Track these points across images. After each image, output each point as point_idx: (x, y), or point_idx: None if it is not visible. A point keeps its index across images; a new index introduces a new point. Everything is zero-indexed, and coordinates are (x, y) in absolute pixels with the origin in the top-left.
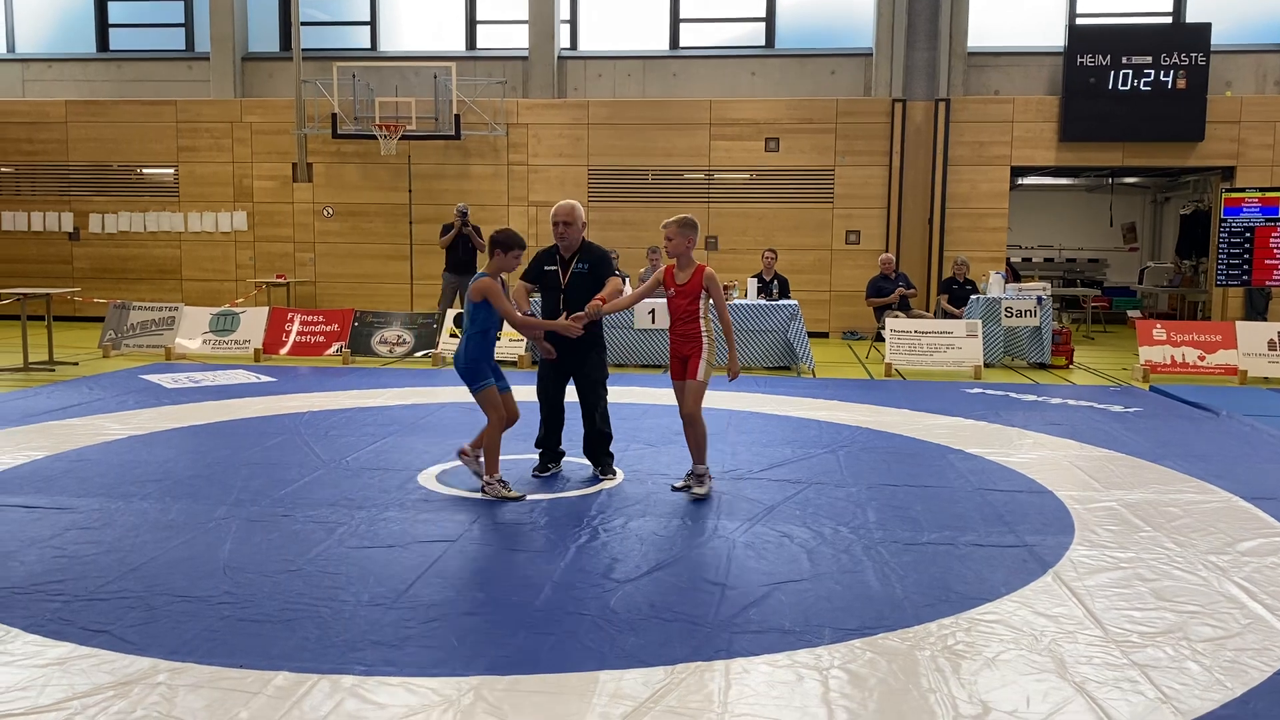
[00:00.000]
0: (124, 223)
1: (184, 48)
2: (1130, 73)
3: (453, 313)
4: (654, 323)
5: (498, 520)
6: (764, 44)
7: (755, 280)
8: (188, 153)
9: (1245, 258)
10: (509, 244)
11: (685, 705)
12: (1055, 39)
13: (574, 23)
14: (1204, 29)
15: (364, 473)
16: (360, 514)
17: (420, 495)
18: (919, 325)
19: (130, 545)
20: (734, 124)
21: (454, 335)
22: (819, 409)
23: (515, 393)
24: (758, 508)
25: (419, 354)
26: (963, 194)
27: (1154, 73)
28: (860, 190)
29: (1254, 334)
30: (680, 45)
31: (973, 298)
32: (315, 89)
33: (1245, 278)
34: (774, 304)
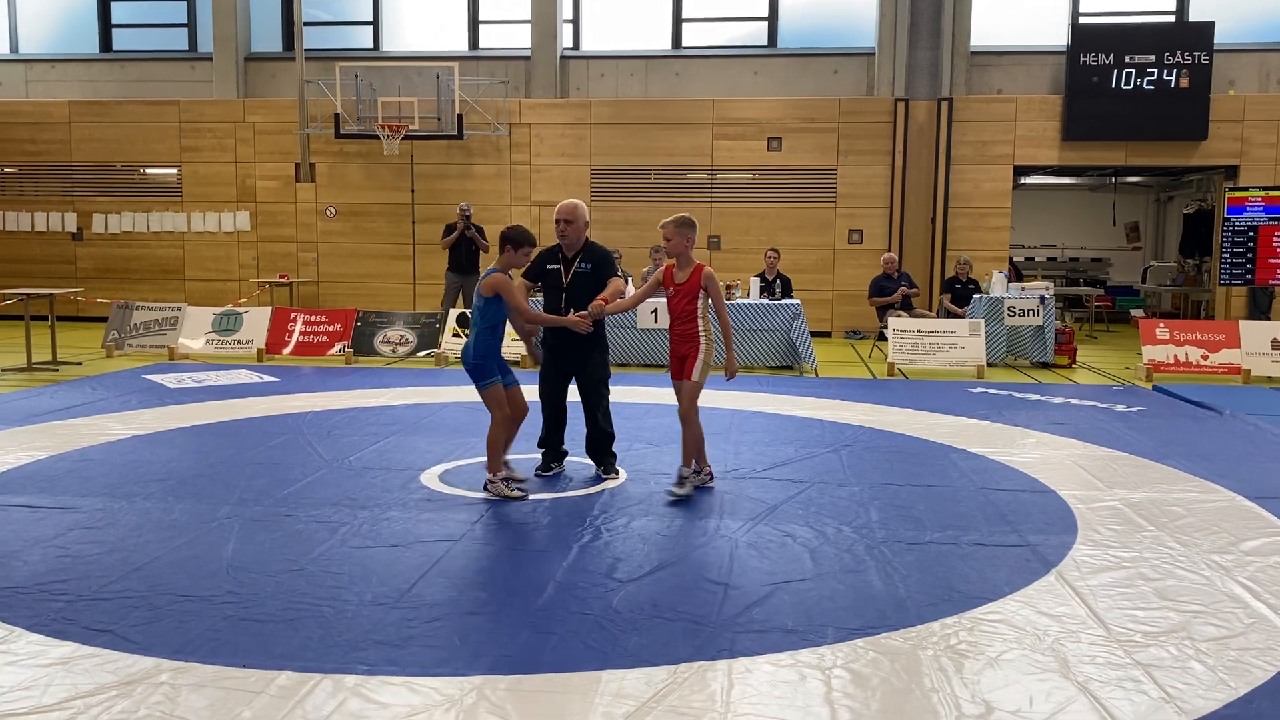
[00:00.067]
0: (127, 223)
1: (187, 48)
2: (1133, 72)
3: (455, 312)
4: (656, 322)
5: (500, 520)
6: (766, 43)
7: (758, 280)
8: (191, 153)
9: (1248, 257)
10: (520, 240)
11: (688, 705)
12: (1058, 38)
13: (576, 22)
14: (1207, 28)
15: (367, 472)
16: (363, 513)
17: (423, 495)
18: (922, 325)
19: (133, 545)
20: (736, 123)
21: (456, 335)
22: (822, 408)
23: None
24: (760, 507)
25: (422, 354)
26: (965, 193)
27: (1157, 72)
28: (863, 190)
29: (1257, 333)
30: (683, 45)
31: (975, 297)
32: (318, 89)
33: (1248, 277)
34: (776, 303)
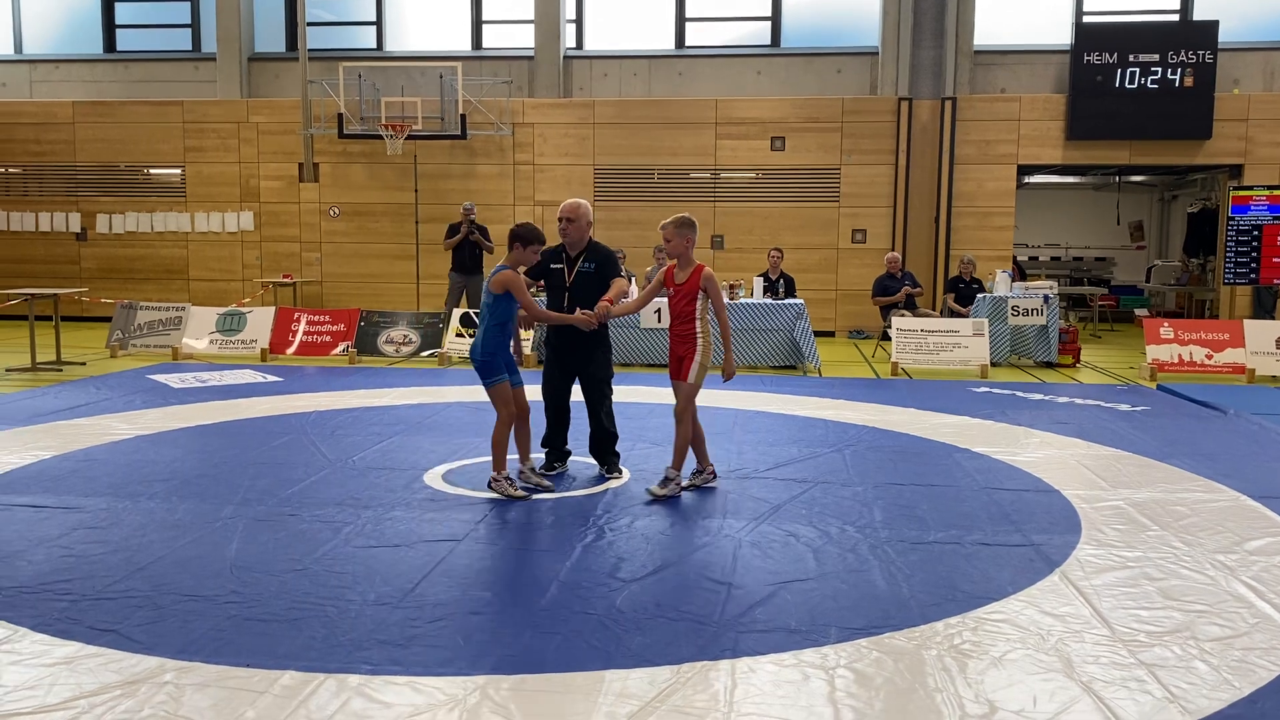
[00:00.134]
0: (131, 223)
1: (190, 48)
2: (1137, 70)
3: (458, 312)
4: (660, 322)
5: (504, 519)
6: (770, 43)
7: (761, 279)
8: (194, 153)
9: (1253, 256)
10: (529, 238)
11: (691, 704)
12: (1062, 37)
13: (580, 22)
14: (1211, 26)
15: (370, 472)
16: (366, 513)
17: (426, 495)
18: (925, 324)
19: (137, 545)
20: (740, 123)
21: (460, 335)
22: (825, 408)
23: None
24: (764, 507)
25: (425, 353)
26: (969, 192)
27: (1161, 70)
28: (866, 189)
29: (1262, 332)
30: (686, 44)
31: (979, 296)
32: (321, 89)
33: (1253, 276)
34: (780, 303)
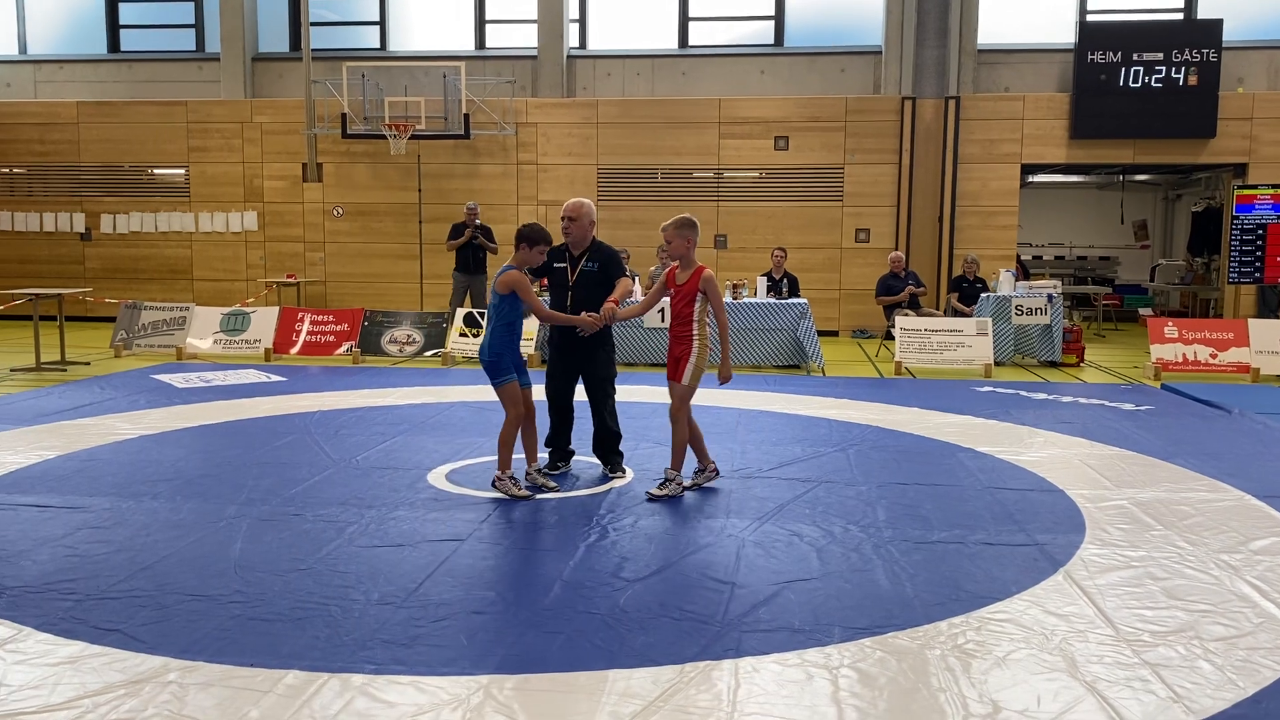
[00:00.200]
0: (135, 223)
1: (194, 49)
2: (1141, 69)
3: (462, 312)
4: (663, 322)
5: (507, 519)
6: (773, 42)
7: (765, 279)
8: (198, 153)
9: (1257, 255)
10: (535, 238)
11: (694, 704)
12: (1066, 36)
13: (583, 22)
14: (1215, 25)
15: (374, 472)
16: (370, 513)
17: (430, 494)
18: (929, 324)
19: (141, 544)
20: (743, 122)
21: (463, 335)
22: (829, 407)
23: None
24: (767, 506)
25: (429, 353)
26: (973, 192)
27: (1165, 69)
28: (870, 188)
29: (1266, 331)
30: (689, 44)
31: (983, 296)
32: (325, 89)
33: (1257, 275)
34: (783, 302)
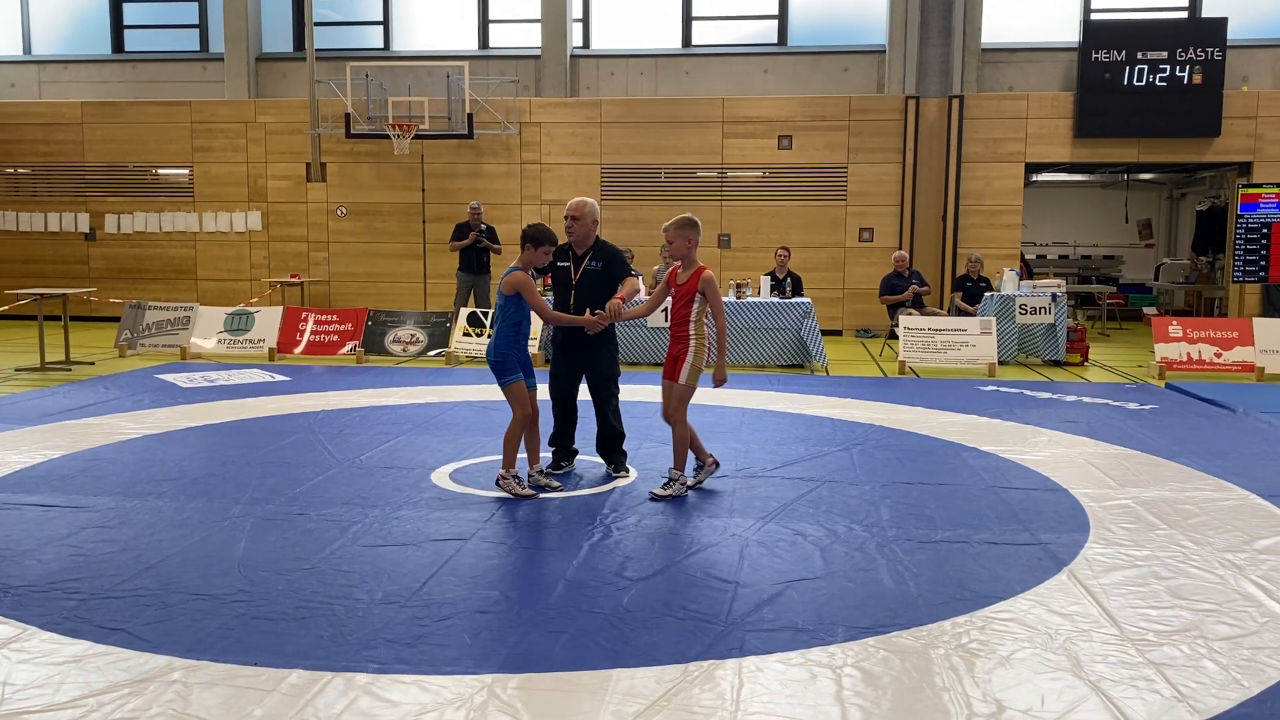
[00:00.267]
0: (139, 223)
1: (198, 49)
2: (1145, 68)
3: (465, 311)
4: (666, 321)
5: (511, 518)
6: (776, 41)
7: (768, 278)
8: (202, 153)
9: (1262, 254)
10: (539, 239)
11: (698, 703)
12: (1070, 34)
13: (586, 21)
14: (1220, 24)
15: (377, 471)
16: (374, 512)
17: (433, 494)
18: (933, 323)
19: (146, 544)
20: (747, 122)
21: (467, 334)
22: (832, 407)
23: None
24: (771, 505)
25: (432, 353)
26: (977, 191)
27: (1169, 68)
28: (874, 187)
29: (1271, 330)
30: (693, 43)
31: (987, 295)
32: (329, 89)
33: (1262, 274)
34: (787, 302)
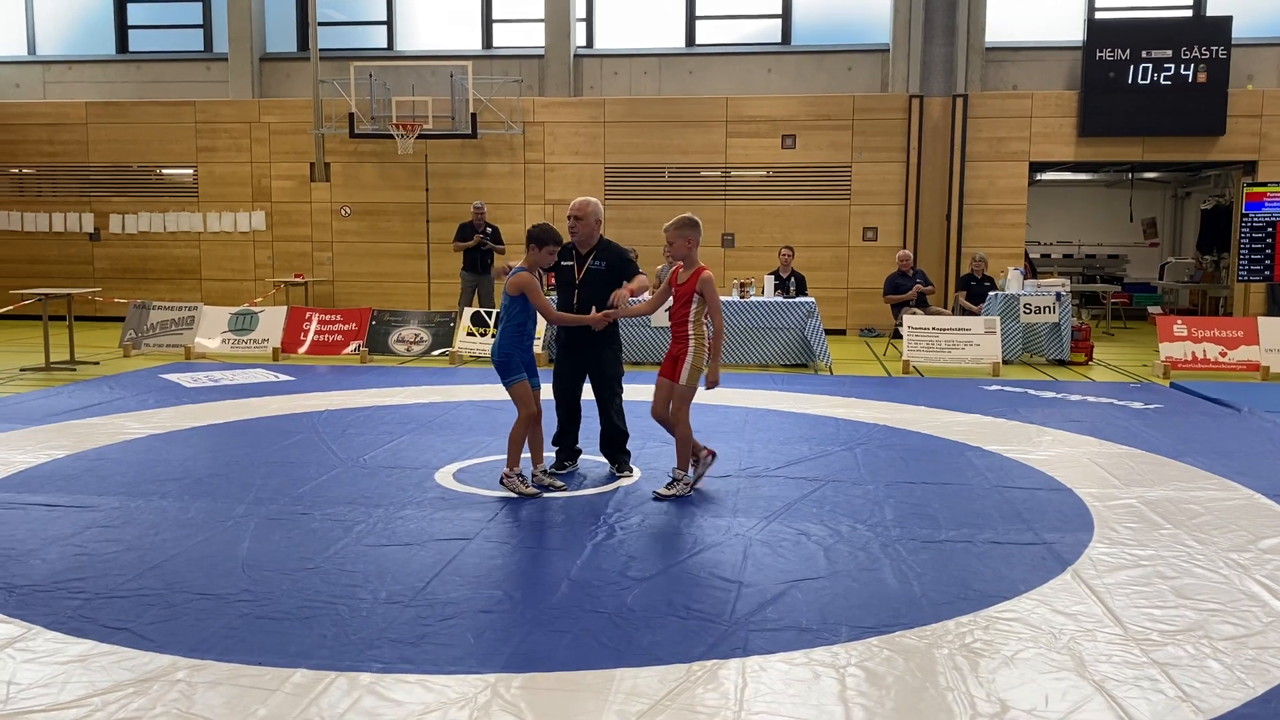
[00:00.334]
0: (144, 223)
1: (202, 49)
2: (1150, 67)
3: (469, 311)
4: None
5: (515, 518)
6: (780, 41)
7: (772, 277)
8: (206, 153)
9: (1267, 253)
10: (544, 239)
11: (702, 703)
12: (1074, 33)
13: (590, 21)
14: (1225, 22)
15: (381, 471)
16: (378, 512)
17: (437, 493)
18: (937, 322)
19: (150, 543)
20: (750, 121)
21: (470, 334)
22: (836, 406)
23: None
24: (774, 505)
25: (436, 352)
26: (981, 190)
27: (1174, 67)
28: (877, 187)
29: (1276, 329)
30: (696, 43)
31: (991, 294)
32: (332, 89)
33: (1267, 273)
34: (791, 301)
